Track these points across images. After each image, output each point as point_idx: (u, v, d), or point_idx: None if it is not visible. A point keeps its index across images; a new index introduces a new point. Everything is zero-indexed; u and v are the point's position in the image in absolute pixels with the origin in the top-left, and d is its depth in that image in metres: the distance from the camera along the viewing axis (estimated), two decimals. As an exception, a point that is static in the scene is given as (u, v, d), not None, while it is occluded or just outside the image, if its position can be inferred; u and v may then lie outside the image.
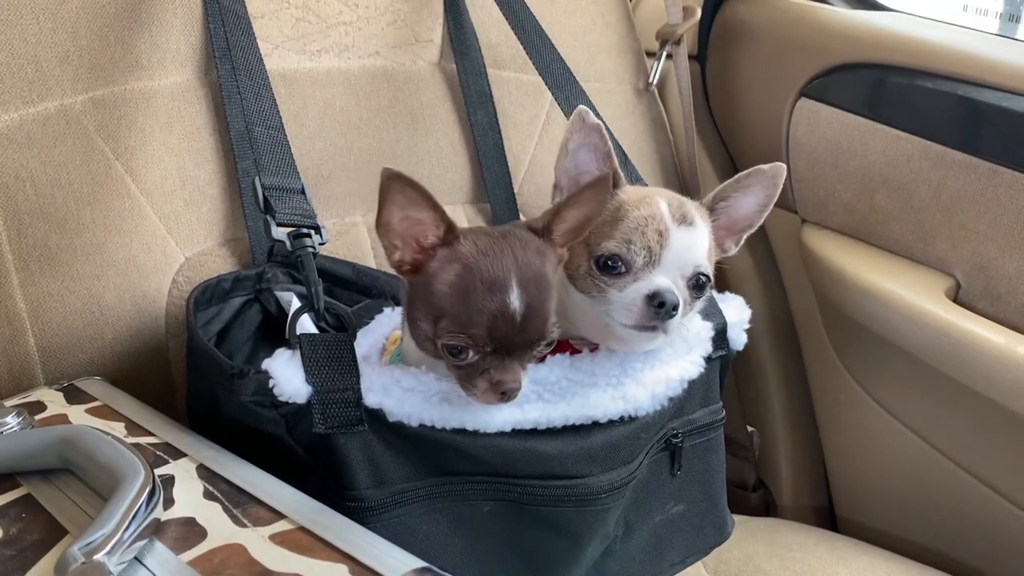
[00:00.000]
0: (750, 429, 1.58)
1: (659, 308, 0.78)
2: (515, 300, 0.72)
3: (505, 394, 0.73)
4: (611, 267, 0.81)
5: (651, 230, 0.81)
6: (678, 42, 1.43)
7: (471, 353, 0.73)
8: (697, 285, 0.83)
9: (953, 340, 1.18)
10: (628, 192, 0.86)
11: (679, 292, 0.80)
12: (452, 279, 0.73)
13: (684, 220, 0.83)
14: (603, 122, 1.07)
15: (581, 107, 0.86)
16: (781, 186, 0.87)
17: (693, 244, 0.83)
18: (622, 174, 0.88)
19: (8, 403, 0.84)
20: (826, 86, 1.34)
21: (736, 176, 0.88)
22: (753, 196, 0.88)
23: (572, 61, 1.14)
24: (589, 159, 0.87)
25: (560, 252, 0.79)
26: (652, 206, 0.82)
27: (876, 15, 1.37)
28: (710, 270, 0.85)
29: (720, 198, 0.88)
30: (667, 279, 0.80)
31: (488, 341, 0.72)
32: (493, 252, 0.73)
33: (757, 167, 0.87)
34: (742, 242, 0.92)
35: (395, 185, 0.71)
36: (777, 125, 1.40)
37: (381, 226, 0.73)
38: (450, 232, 0.74)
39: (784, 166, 0.87)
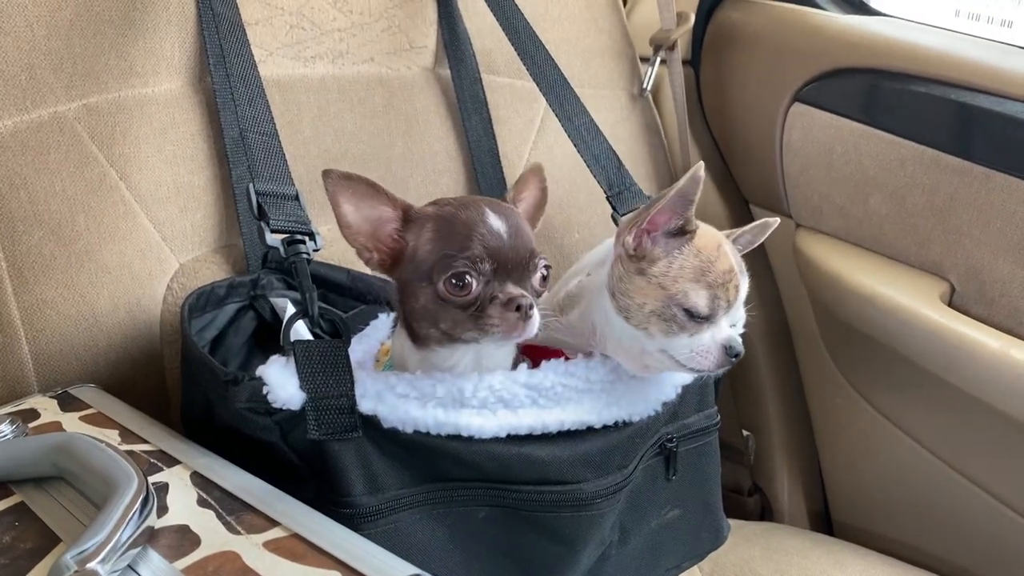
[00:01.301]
0: (745, 433, 1.58)
1: (735, 358, 0.81)
2: (495, 220, 0.75)
3: (520, 309, 0.73)
4: (695, 316, 0.81)
5: (732, 286, 0.83)
6: (672, 47, 1.44)
7: (474, 282, 0.74)
8: (736, 355, 0.84)
9: (948, 344, 1.18)
10: (701, 237, 0.84)
11: None
12: (431, 235, 0.76)
13: (743, 271, 0.86)
14: (598, 127, 1.07)
15: (700, 163, 0.80)
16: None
17: (746, 294, 0.86)
18: (695, 222, 0.83)
19: (2, 411, 0.83)
20: (820, 91, 1.34)
21: (751, 226, 0.93)
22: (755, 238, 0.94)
23: (566, 67, 1.14)
24: (674, 203, 0.82)
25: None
26: (727, 258, 0.84)
27: (869, 20, 1.37)
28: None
29: (739, 240, 0.92)
30: (727, 327, 0.83)
31: (485, 258, 0.73)
32: (458, 201, 0.78)
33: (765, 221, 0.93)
34: None
35: (341, 183, 0.75)
36: (771, 130, 1.41)
37: (343, 228, 0.77)
38: (408, 211, 0.78)
39: (777, 221, 0.94)
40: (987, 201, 1.16)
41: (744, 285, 0.85)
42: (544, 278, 0.78)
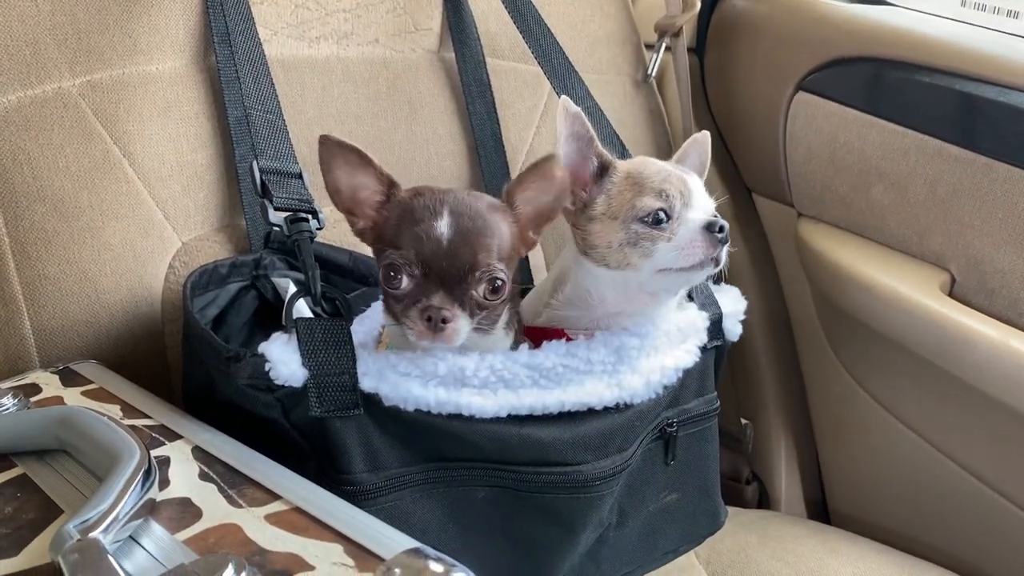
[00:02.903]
0: (744, 422, 1.58)
1: (720, 232, 0.82)
2: (442, 225, 0.75)
3: (431, 321, 0.73)
4: (656, 221, 0.83)
5: (674, 178, 0.85)
6: (677, 34, 1.43)
7: (404, 279, 0.75)
8: (720, 228, 0.84)
9: (947, 334, 1.19)
10: (624, 163, 0.90)
11: None
12: (394, 220, 0.77)
13: (687, 171, 0.90)
14: (602, 112, 1.08)
15: (564, 97, 0.88)
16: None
17: (702, 187, 0.89)
18: (606, 153, 0.90)
19: (4, 385, 0.84)
20: (824, 80, 1.34)
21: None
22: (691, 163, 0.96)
23: (571, 52, 1.14)
24: (577, 148, 0.89)
25: (525, 230, 0.81)
26: (655, 164, 0.89)
27: (874, 9, 1.37)
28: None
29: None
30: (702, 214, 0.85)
31: (416, 262, 0.74)
32: (431, 193, 0.78)
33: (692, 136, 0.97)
34: None
35: (335, 150, 0.78)
36: (774, 118, 1.40)
37: (331, 193, 0.79)
38: (392, 186, 0.79)
39: (708, 134, 0.97)
40: (989, 191, 1.16)
41: (692, 179, 0.88)
42: (495, 289, 0.76)
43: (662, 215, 0.83)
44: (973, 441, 1.26)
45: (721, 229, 0.82)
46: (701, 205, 0.86)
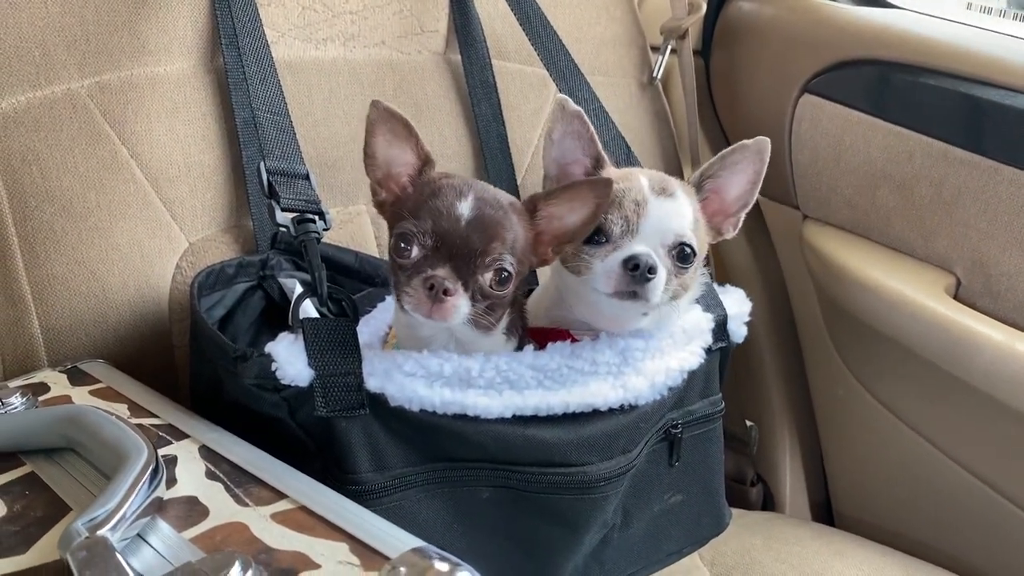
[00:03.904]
0: (749, 424, 1.58)
1: (634, 271, 0.79)
2: (464, 206, 0.75)
3: (433, 290, 0.73)
4: (593, 239, 0.82)
5: (628, 200, 0.82)
6: (683, 37, 1.44)
7: (415, 249, 0.75)
8: (681, 256, 0.83)
9: (953, 337, 1.19)
10: (611, 172, 0.88)
11: (659, 260, 0.81)
12: (418, 194, 0.78)
13: (664, 192, 0.84)
14: (607, 114, 1.08)
15: (560, 95, 0.88)
16: (767, 160, 0.88)
17: (673, 213, 0.84)
18: (606, 156, 0.89)
19: (12, 384, 0.84)
20: (829, 82, 1.34)
21: (720, 154, 0.89)
22: (741, 173, 0.89)
23: (577, 54, 1.14)
24: (574, 146, 0.89)
25: (542, 242, 0.81)
26: (631, 180, 0.84)
27: (880, 12, 1.37)
28: (695, 241, 0.85)
29: (707, 176, 0.89)
30: (645, 247, 0.81)
31: (430, 232, 0.74)
32: (460, 179, 0.79)
33: (740, 143, 0.88)
34: (740, 223, 0.92)
35: (383, 115, 0.78)
36: (780, 121, 1.40)
37: (367, 157, 0.79)
38: (427, 164, 0.80)
39: (768, 140, 0.88)
40: (994, 194, 1.16)
41: (660, 204, 0.83)
42: (501, 280, 0.76)
43: (600, 236, 0.82)
44: (978, 444, 1.26)
45: (636, 267, 0.79)
46: (655, 232, 0.82)
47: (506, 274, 0.76)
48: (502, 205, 0.78)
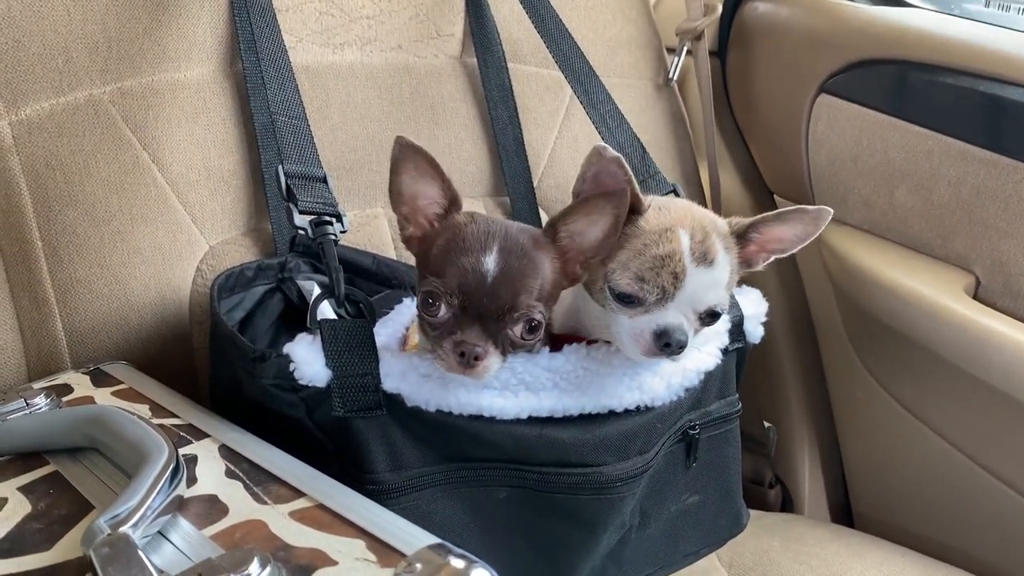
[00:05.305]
0: (767, 425, 1.58)
1: (665, 348, 0.78)
2: (489, 261, 0.74)
3: (464, 356, 0.73)
4: (624, 299, 0.80)
5: (667, 272, 0.78)
6: (698, 38, 1.44)
7: (442, 308, 0.74)
8: (710, 316, 0.81)
9: (973, 337, 1.18)
10: (651, 222, 0.81)
11: (688, 324, 0.79)
12: (443, 242, 0.77)
13: (704, 259, 0.79)
14: (623, 116, 1.08)
15: (598, 144, 0.80)
16: (822, 228, 0.85)
17: (710, 284, 0.80)
18: (643, 200, 0.83)
19: (37, 385, 0.86)
20: (847, 82, 1.33)
21: (779, 211, 0.85)
22: (792, 229, 0.85)
23: (592, 56, 1.15)
24: (610, 183, 0.83)
25: (570, 264, 0.80)
26: (672, 243, 0.79)
27: (897, 11, 1.36)
28: (726, 300, 0.82)
29: (759, 225, 0.85)
30: (678, 315, 0.79)
31: (457, 292, 0.73)
32: (484, 222, 0.77)
33: (802, 207, 0.84)
34: (770, 261, 0.88)
35: (408, 154, 0.76)
36: (797, 121, 1.40)
37: (392, 194, 0.78)
38: (454, 204, 0.79)
39: (830, 211, 0.83)
40: (1014, 193, 1.15)
41: (698, 274, 0.79)
42: (531, 329, 0.76)
43: (632, 299, 0.79)
44: (999, 444, 1.25)
45: (668, 346, 0.77)
46: (689, 302, 0.79)
47: (536, 323, 0.76)
48: (526, 252, 0.76)
